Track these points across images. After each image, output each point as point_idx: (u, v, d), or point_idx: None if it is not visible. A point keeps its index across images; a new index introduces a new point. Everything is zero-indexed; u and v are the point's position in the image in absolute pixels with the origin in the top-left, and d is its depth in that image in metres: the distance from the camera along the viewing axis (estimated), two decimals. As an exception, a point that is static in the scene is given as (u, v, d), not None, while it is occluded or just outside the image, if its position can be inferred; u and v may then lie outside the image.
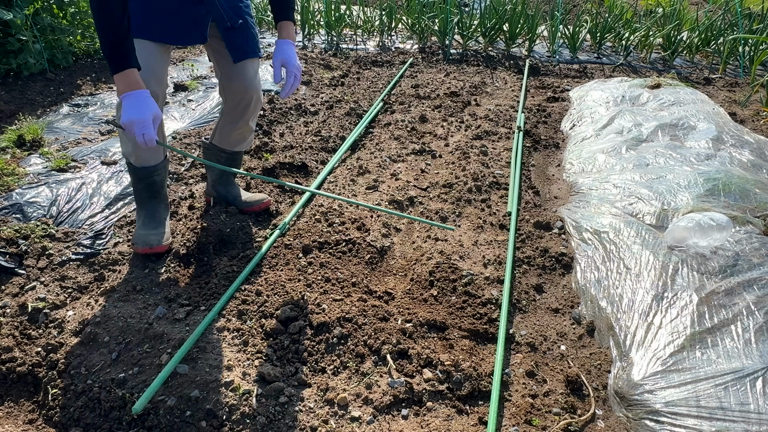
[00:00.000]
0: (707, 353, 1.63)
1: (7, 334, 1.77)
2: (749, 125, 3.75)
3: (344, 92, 4.46)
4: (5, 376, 1.64)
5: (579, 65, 5.47)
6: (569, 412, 1.60)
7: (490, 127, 3.75)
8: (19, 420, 1.55)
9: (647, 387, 1.57)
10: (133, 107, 1.77)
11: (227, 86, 2.23)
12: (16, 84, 4.11)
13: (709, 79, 5.01)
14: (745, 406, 1.47)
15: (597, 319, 1.93)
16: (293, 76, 2.04)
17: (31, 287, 1.99)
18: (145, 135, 1.78)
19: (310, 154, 3.21)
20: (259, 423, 1.48)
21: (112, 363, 1.66)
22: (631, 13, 6.62)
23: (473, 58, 5.70)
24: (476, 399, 1.63)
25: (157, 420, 1.49)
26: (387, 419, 1.55)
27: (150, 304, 1.92)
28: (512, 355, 1.83)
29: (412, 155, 3.28)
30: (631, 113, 3.52)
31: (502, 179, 3.00)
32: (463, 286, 2.08)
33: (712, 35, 5.60)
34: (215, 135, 2.39)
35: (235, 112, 2.27)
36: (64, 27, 4.50)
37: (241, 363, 1.66)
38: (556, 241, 2.43)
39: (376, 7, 6.72)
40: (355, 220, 2.50)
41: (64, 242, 2.25)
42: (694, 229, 2.09)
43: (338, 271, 2.13)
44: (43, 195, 2.51)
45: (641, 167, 2.83)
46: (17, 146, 3.04)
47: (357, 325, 1.84)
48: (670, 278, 1.95)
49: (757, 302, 1.79)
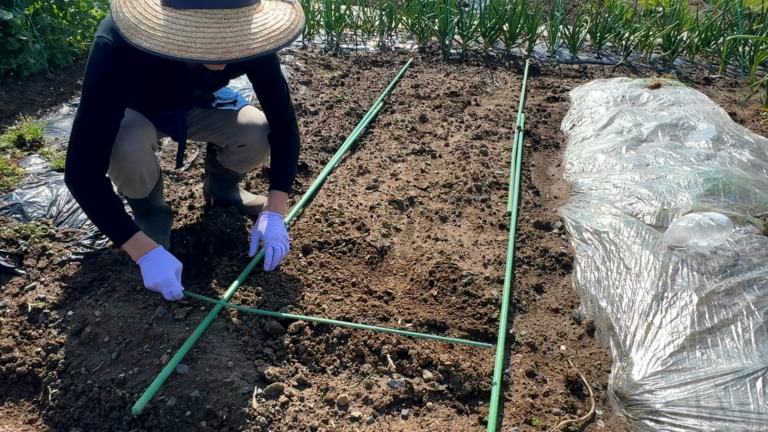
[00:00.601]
0: (707, 353, 1.63)
1: (7, 334, 1.77)
2: (749, 125, 3.75)
3: (344, 92, 4.46)
4: (5, 376, 1.64)
5: (579, 65, 5.47)
6: (569, 412, 1.60)
7: (490, 127, 3.75)
8: (19, 420, 1.55)
9: (647, 387, 1.57)
10: (154, 269, 1.81)
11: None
12: (16, 84, 4.11)
13: (709, 79, 5.01)
14: (745, 406, 1.47)
15: (597, 319, 1.93)
16: (270, 248, 1.96)
17: (31, 287, 1.99)
18: (173, 292, 1.83)
19: (310, 154, 3.21)
20: (259, 423, 1.48)
21: (112, 363, 1.66)
22: (631, 13, 6.62)
23: (473, 58, 5.70)
24: (476, 399, 1.63)
25: (157, 420, 1.49)
26: (387, 419, 1.55)
27: (150, 304, 1.92)
28: (512, 355, 1.83)
29: (412, 155, 3.28)
30: (631, 113, 3.52)
31: (502, 179, 3.00)
32: (463, 286, 2.08)
33: (712, 35, 5.60)
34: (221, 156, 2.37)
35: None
36: (64, 27, 4.50)
37: (241, 363, 1.66)
38: (556, 241, 2.43)
39: (376, 7, 6.72)
40: (355, 220, 2.50)
41: (64, 242, 2.25)
42: (694, 229, 2.09)
43: (338, 271, 2.13)
44: (43, 195, 2.51)
45: (641, 167, 2.83)
46: (17, 146, 3.04)
47: (357, 325, 1.84)
48: (670, 278, 1.95)
49: (757, 302, 1.79)
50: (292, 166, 2.18)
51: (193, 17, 1.61)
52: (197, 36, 1.59)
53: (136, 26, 1.62)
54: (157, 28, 1.61)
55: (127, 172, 1.91)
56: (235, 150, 2.26)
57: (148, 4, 1.66)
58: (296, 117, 2.24)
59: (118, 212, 1.83)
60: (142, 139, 1.90)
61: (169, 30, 1.61)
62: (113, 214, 1.83)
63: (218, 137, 2.26)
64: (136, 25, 1.62)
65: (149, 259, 1.82)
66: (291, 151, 2.18)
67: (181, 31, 1.61)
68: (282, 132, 2.17)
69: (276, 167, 2.17)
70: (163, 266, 1.82)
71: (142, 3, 1.67)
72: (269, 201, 2.11)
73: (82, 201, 1.85)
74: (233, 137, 2.23)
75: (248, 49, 1.60)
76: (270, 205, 2.10)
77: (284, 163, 2.16)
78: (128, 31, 1.61)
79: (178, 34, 1.60)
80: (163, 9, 1.63)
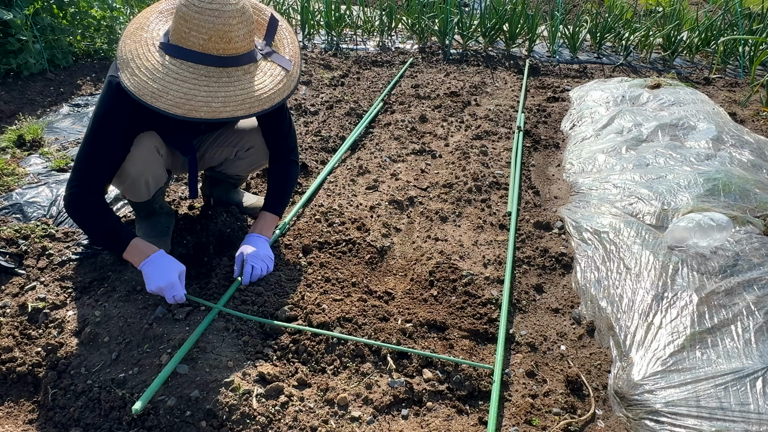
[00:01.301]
0: (707, 353, 1.63)
1: (7, 334, 1.77)
2: (749, 125, 3.75)
3: (344, 92, 4.46)
4: (5, 376, 1.64)
5: (579, 65, 5.47)
6: (569, 412, 1.60)
7: (490, 127, 3.75)
8: (19, 420, 1.55)
9: (647, 387, 1.57)
10: (156, 273, 1.79)
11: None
12: (16, 84, 4.11)
13: (709, 79, 5.01)
14: (745, 406, 1.47)
15: (597, 319, 1.93)
16: (250, 265, 1.95)
17: (31, 287, 1.99)
18: (176, 296, 1.82)
19: (310, 154, 3.21)
20: (259, 423, 1.48)
21: (112, 363, 1.66)
22: (631, 13, 6.62)
23: (473, 58, 5.70)
24: (476, 399, 1.63)
25: (157, 420, 1.49)
26: (387, 419, 1.55)
27: (150, 304, 1.92)
28: (512, 355, 1.83)
29: (412, 155, 3.28)
30: (631, 113, 3.52)
31: (502, 179, 3.00)
32: (463, 286, 2.08)
33: (712, 35, 5.60)
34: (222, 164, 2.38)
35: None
36: (64, 27, 4.50)
37: (241, 363, 1.66)
38: (556, 241, 2.43)
39: (376, 7, 6.72)
40: (355, 220, 2.50)
41: (64, 242, 2.25)
42: (694, 229, 2.09)
43: (338, 271, 2.13)
44: (43, 195, 2.51)
45: (641, 167, 2.83)
46: (17, 146, 3.04)
47: (357, 325, 1.84)
48: (670, 278, 1.95)
49: (757, 302, 1.79)
50: (287, 193, 2.17)
51: (176, 68, 1.63)
52: (171, 87, 1.60)
53: (126, 61, 1.65)
54: (142, 68, 1.63)
55: (132, 177, 1.91)
56: (243, 155, 2.26)
57: (149, 44, 1.68)
58: (297, 147, 2.26)
59: (114, 226, 1.86)
60: (148, 143, 1.90)
61: (149, 74, 1.62)
62: (109, 230, 1.85)
63: (224, 150, 2.26)
64: (126, 60, 1.65)
65: (150, 263, 1.81)
66: (289, 180, 2.17)
67: (159, 79, 1.62)
68: (281, 160, 2.18)
69: (271, 191, 2.15)
70: (166, 270, 1.80)
71: (145, 39, 1.70)
72: (258, 222, 2.09)
73: (79, 221, 1.89)
74: (240, 142, 2.23)
75: (215, 111, 1.61)
76: (257, 227, 2.08)
77: (280, 189, 2.15)
78: (119, 63, 1.65)
79: (155, 81, 1.61)
80: (158, 51, 1.65)
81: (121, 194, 2.06)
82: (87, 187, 1.82)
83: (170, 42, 1.66)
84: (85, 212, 1.84)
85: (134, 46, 1.68)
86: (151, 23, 1.77)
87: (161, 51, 1.66)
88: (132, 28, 1.75)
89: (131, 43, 1.69)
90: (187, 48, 1.63)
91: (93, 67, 4.69)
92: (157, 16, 1.80)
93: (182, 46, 1.63)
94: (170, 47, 1.65)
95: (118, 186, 2.00)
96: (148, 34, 1.72)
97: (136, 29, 1.74)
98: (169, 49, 1.65)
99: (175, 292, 1.81)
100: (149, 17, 1.79)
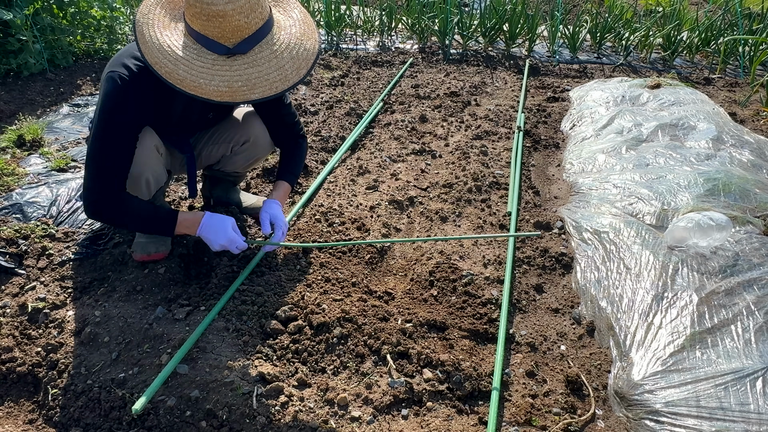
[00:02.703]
0: (707, 353, 1.63)
1: (7, 334, 1.77)
2: (749, 125, 3.75)
3: (344, 92, 4.46)
4: (5, 376, 1.64)
5: (579, 65, 5.47)
6: (569, 412, 1.60)
7: (490, 127, 3.75)
8: (19, 420, 1.55)
9: (647, 387, 1.57)
10: (215, 234, 1.89)
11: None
12: (16, 84, 4.11)
13: (709, 79, 5.01)
14: (745, 406, 1.47)
15: (597, 319, 1.93)
16: (281, 230, 2.07)
17: (31, 287, 1.99)
18: (238, 246, 1.93)
19: (310, 154, 3.21)
20: (259, 423, 1.48)
21: (112, 363, 1.66)
22: (631, 13, 6.61)
23: (473, 58, 5.70)
24: (476, 399, 1.63)
25: (157, 420, 1.49)
26: (387, 419, 1.55)
27: (150, 304, 1.92)
28: (512, 355, 1.83)
29: (412, 155, 3.28)
30: (631, 113, 3.52)
31: (502, 179, 3.00)
32: (463, 286, 2.08)
33: (712, 35, 5.60)
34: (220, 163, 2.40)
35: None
36: (64, 27, 4.50)
37: (241, 363, 1.66)
38: (556, 241, 2.43)
39: (376, 7, 6.72)
40: (355, 220, 2.50)
41: (64, 242, 2.25)
42: (694, 229, 2.09)
43: (338, 271, 2.13)
44: (43, 195, 2.51)
45: (641, 167, 2.83)
46: (17, 146, 3.04)
47: (357, 325, 1.84)
48: (670, 278, 1.95)
49: (757, 302, 1.79)
50: (299, 164, 2.26)
51: (207, 59, 1.63)
52: (233, 78, 1.62)
53: (163, 50, 1.63)
54: (179, 61, 1.62)
55: (132, 176, 1.90)
56: (238, 150, 2.28)
57: (177, 30, 1.68)
58: (303, 129, 2.36)
59: (154, 212, 1.88)
60: (147, 142, 1.90)
61: (195, 69, 1.62)
62: (152, 217, 1.87)
63: (220, 147, 2.27)
64: (163, 49, 1.63)
65: (205, 228, 1.89)
66: (300, 153, 2.27)
67: (208, 74, 1.62)
68: (291, 142, 2.26)
69: (284, 162, 2.25)
70: (222, 228, 1.89)
71: (171, 29, 1.69)
72: (274, 189, 2.18)
73: (117, 221, 1.91)
74: (236, 136, 2.24)
75: (272, 88, 1.66)
76: (275, 193, 2.17)
77: (292, 160, 2.25)
78: (149, 51, 1.63)
79: (202, 77, 1.61)
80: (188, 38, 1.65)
81: None
82: (111, 186, 1.80)
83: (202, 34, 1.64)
84: (121, 210, 1.83)
85: (164, 37, 1.66)
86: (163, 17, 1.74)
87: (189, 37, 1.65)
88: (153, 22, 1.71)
89: (158, 32, 1.67)
90: (222, 44, 1.63)
91: (93, 67, 4.69)
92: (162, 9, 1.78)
93: (218, 41, 1.63)
94: (200, 36, 1.64)
95: None
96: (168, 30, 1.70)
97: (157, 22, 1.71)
98: (198, 37, 1.64)
99: (237, 244, 1.91)
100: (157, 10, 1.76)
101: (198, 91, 1.61)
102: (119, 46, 5.00)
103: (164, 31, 1.67)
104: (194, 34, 1.63)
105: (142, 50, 1.64)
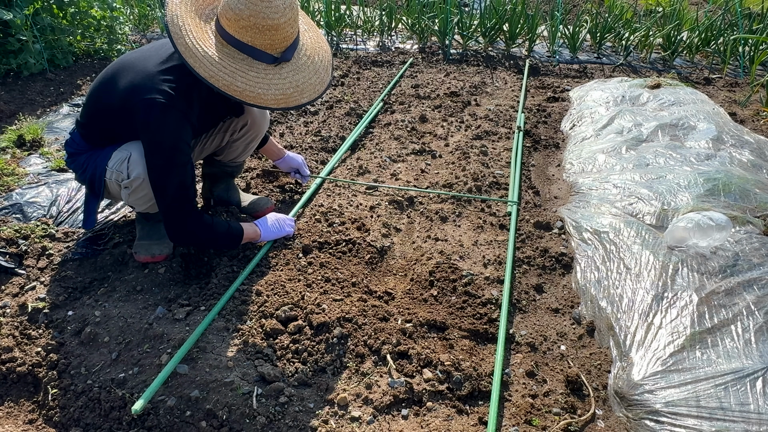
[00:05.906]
0: (707, 353, 1.63)
1: (7, 334, 1.77)
2: (749, 125, 3.75)
3: (344, 92, 4.46)
4: (5, 376, 1.64)
5: (579, 65, 5.47)
6: (569, 412, 1.60)
7: (490, 127, 3.75)
8: (19, 420, 1.55)
9: (647, 387, 1.57)
10: (276, 232, 2.19)
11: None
12: (16, 84, 4.11)
13: (709, 79, 5.01)
14: (745, 406, 1.47)
15: (597, 319, 1.93)
16: (307, 173, 2.63)
17: (31, 287, 1.99)
18: (292, 225, 2.27)
19: (310, 154, 3.21)
20: (259, 423, 1.48)
21: (112, 363, 1.66)
22: (631, 13, 6.61)
23: (473, 58, 5.70)
24: (476, 399, 1.63)
25: (157, 420, 1.49)
26: (387, 419, 1.55)
27: (150, 304, 1.92)
28: (512, 355, 1.83)
29: (412, 155, 3.28)
30: (631, 113, 3.52)
31: (502, 179, 3.00)
32: (463, 286, 2.08)
33: (712, 35, 5.60)
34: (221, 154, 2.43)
35: None
36: (64, 27, 4.50)
37: (241, 363, 1.66)
38: (556, 241, 2.43)
39: (376, 7, 6.71)
40: (355, 220, 2.50)
41: (64, 242, 2.25)
42: (694, 229, 2.09)
43: (338, 271, 2.13)
44: (43, 195, 2.51)
45: (641, 167, 2.83)
46: (17, 146, 3.04)
47: (357, 325, 1.84)
48: (670, 278, 1.95)
49: (757, 302, 1.79)
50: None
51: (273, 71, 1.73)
52: (271, 83, 1.72)
53: (206, 57, 1.67)
54: (236, 73, 1.68)
55: (139, 182, 1.89)
56: (238, 136, 2.31)
57: (212, 37, 1.73)
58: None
59: (226, 229, 1.99)
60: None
61: (251, 80, 1.70)
62: (225, 233, 1.98)
63: (217, 137, 2.29)
64: (206, 57, 1.67)
65: (270, 231, 2.16)
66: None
67: (263, 84, 1.72)
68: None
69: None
70: (280, 231, 2.20)
71: (207, 36, 1.73)
72: (276, 150, 2.58)
73: (198, 242, 2.00)
74: (233, 124, 2.28)
75: (314, 92, 1.81)
76: (279, 150, 2.59)
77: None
78: (200, 64, 1.66)
79: (269, 85, 1.72)
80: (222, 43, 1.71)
81: (128, 202, 2.02)
82: (190, 209, 1.85)
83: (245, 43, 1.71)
84: (200, 231, 1.90)
85: (211, 50, 1.69)
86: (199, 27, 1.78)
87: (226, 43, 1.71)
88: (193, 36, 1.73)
89: (196, 40, 1.70)
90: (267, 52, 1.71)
91: (93, 67, 4.69)
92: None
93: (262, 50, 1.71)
94: (231, 39, 1.70)
95: (127, 198, 1.97)
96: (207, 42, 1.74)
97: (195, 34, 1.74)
98: (229, 39, 1.70)
99: (292, 230, 2.26)
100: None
101: (257, 100, 1.65)
102: (119, 46, 5.00)
103: (205, 41, 1.70)
104: (238, 44, 1.68)
105: (192, 64, 1.66)
